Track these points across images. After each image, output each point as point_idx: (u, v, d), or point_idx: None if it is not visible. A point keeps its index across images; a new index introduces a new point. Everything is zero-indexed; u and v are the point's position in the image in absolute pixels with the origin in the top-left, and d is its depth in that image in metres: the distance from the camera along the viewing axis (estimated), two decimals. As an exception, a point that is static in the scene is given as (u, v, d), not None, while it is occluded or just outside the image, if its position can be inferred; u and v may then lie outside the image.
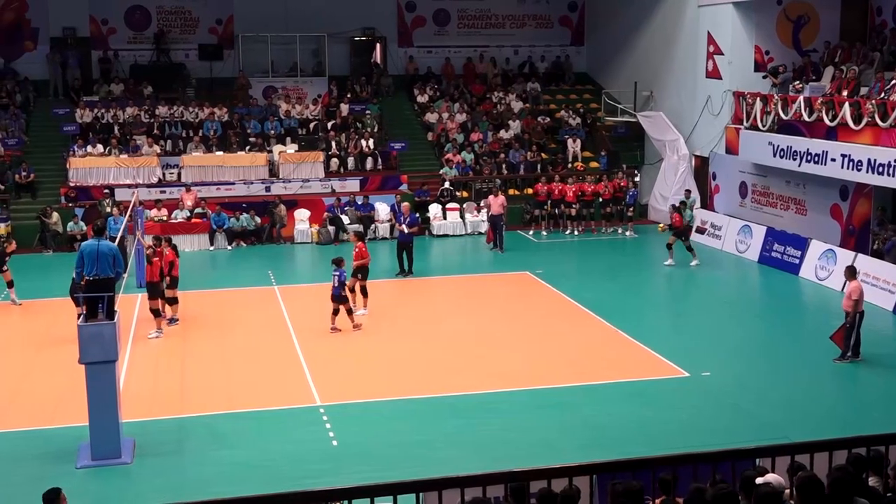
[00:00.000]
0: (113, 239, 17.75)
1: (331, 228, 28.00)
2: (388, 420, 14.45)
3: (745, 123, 26.32)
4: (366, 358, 17.45)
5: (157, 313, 18.84)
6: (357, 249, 20.05)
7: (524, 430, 14.01)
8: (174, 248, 20.00)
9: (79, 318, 17.67)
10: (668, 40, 31.02)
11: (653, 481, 7.48)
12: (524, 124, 33.20)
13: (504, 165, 31.55)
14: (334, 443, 13.60)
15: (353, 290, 19.72)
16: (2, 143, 29.62)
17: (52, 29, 33.39)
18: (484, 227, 28.33)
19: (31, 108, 32.28)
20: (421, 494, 7.33)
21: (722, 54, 27.98)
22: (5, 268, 20.82)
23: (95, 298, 12.84)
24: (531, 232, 29.06)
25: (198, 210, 27.81)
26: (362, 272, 20.02)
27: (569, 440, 13.63)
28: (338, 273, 18.62)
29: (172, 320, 19.61)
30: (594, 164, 32.07)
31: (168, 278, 19.41)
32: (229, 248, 27.52)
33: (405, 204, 25.47)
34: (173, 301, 19.65)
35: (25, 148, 30.24)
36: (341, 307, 18.77)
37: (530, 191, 30.40)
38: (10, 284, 20.91)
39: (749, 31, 27.44)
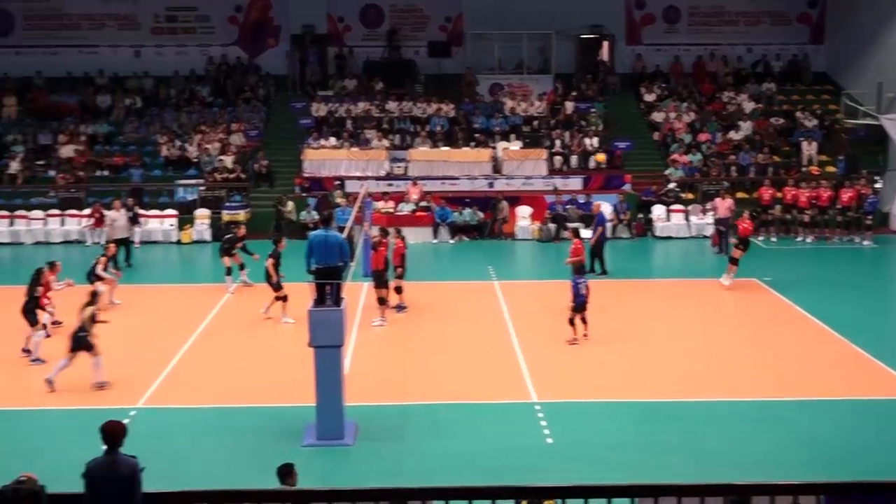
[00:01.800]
0: (341, 229, 18.44)
1: (552, 226, 27.98)
2: (605, 421, 14.30)
3: None
4: (583, 357, 17.31)
5: (382, 301, 19.42)
6: (574, 247, 19.95)
7: (744, 442, 13.50)
8: (403, 238, 20.60)
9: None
10: (919, 38, 29.06)
11: (888, 507, 7.02)
12: (756, 125, 32.00)
13: (733, 167, 30.52)
14: (549, 440, 13.58)
15: None
16: (244, 134, 31.47)
17: (292, 26, 35.13)
18: (709, 231, 27.51)
19: (271, 101, 34.09)
20: (636, 500, 7.18)
21: (980, 53, 25.93)
22: (234, 252, 21.97)
23: (324, 285, 13.36)
24: (760, 238, 27.95)
25: (423, 203, 28.52)
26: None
27: (790, 456, 12.99)
28: (582, 281, 17.86)
29: (401, 307, 20.18)
30: (830, 169, 30.49)
31: (399, 269, 20.01)
32: (452, 241, 28.04)
33: (595, 203, 25.15)
34: (399, 289, 20.24)
35: (265, 139, 32.00)
36: (577, 316, 17.97)
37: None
38: (242, 267, 22.09)
39: None
